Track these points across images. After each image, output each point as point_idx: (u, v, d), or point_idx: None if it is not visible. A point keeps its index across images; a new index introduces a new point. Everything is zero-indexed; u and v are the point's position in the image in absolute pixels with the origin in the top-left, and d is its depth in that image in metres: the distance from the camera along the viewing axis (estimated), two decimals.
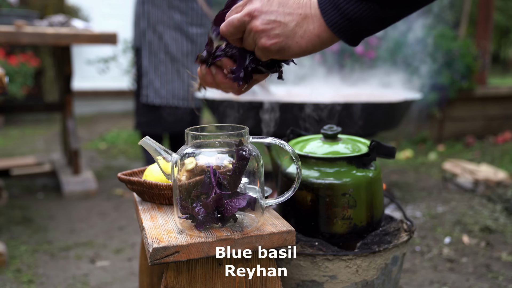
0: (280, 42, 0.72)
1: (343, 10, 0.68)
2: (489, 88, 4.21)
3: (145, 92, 2.80)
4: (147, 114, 2.86)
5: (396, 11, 0.68)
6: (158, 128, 2.88)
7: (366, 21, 0.68)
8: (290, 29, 0.71)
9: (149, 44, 2.78)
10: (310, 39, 0.71)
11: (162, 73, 2.79)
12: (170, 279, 0.83)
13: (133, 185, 1.01)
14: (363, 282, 1.03)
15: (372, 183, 1.06)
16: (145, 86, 2.80)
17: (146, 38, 2.78)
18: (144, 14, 2.76)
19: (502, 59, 10.35)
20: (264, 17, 0.71)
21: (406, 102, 2.27)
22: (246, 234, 0.83)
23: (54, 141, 4.37)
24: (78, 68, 5.75)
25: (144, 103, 2.83)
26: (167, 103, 2.81)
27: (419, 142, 4.04)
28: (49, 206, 2.56)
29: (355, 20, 0.68)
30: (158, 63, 2.78)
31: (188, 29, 2.81)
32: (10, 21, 2.60)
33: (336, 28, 0.69)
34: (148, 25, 2.76)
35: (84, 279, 1.75)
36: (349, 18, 0.68)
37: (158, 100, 2.80)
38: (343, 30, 0.69)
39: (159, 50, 2.78)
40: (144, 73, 2.80)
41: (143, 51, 2.80)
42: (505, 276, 1.72)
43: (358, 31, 0.69)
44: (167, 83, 2.80)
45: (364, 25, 0.69)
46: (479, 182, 2.66)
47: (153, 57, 2.78)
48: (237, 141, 0.81)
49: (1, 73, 1.71)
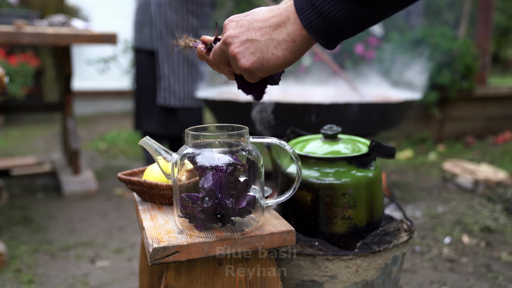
0: (257, 60, 0.71)
1: (319, 8, 0.66)
2: (489, 88, 4.21)
3: (163, 95, 2.84)
4: (163, 116, 2.90)
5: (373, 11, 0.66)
6: (175, 129, 2.93)
7: (342, 21, 0.66)
8: (263, 43, 0.71)
9: (167, 48, 2.82)
10: (286, 47, 0.70)
11: (179, 77, 2.85)
12: (170, 279, 0.83)
13: (133, 185, 1.01)
14: (363, 282, 1.03)
15: (372, 183, 1.06)
16: (164, 88, 2.84)
17: (164, 42, 2.80)
18: (161, 17, 2.78)
19: (502, 59, 10.35)
20: (237, 40, 0.72)
21: (406, 102, 2.27)
22: (246, 234, 0.83)
23: (54, 141, 4.38)
24: (78, 68, 5.75)
25: (161, 105, 2.87)
26: (183, 105, 2.88)
27: (419, 142, 4.04)
28: (49, 206, 2.56)
29: (330, 20, 0.66)
30: (176, 67, 2.83)
31: (202, 33, 2.85)
32: (10, 21, 2.60)
33: (312, 28, 0.68)
34: (166, 28, 2.79)
35: (84, 279, 1.75)
36: (325, 17, 0.66)
37: (176, 103, 2.86)
38: (319, 30, 0.68)
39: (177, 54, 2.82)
40: (163, 76, 2.83)
41: (161, 54, 2.82)
42: (505, 276, 1.72)
43: (335, 32, 0.68)
44: (184, 86, 2.87)
45: (340, 25, 0.67)
46: (479, 182, 2.66)
47: (172, 61, 2.83)
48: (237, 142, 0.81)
49: (1, 73, 1.71)
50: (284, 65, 0.72)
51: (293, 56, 0.71)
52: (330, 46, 0.70)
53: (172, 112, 2.91)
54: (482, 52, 4.20)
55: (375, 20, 0.67)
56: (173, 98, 2.85)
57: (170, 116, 2.91)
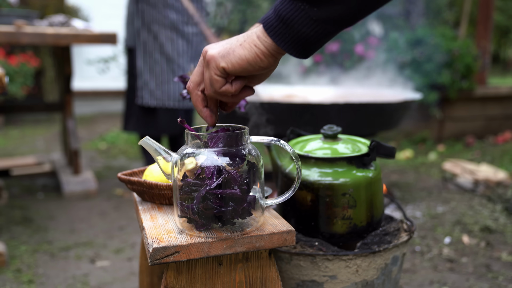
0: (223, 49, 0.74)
1: (278, 10, 0.67)
2: (489, 88, 4.21)
3: (140, 94, 2.73)
4: (142, 116, 2.79)
5: (326, 13, 0.65)
6: (153, 130, 2.82)
7: (298, 23, 0.66)
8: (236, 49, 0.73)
9: (144, 44, 2.71)
10: (254, 52, 0.71)
11: (157, 74, 2.71)
12: (170, 279, 0.83)
13: (133, 185, 1.01)
14: (363, 282, 1.03)
15: (372, 183, 1.06)
16: (140, 87, 2.73)
17: (140, 38, 2.70)
18: (138, 13, 2.69)
19: (502, 59, 10.35)
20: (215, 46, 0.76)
21: (406, 102, 2.27)
22: (246, 234, 0.83)
23: (54, 141, 4.38)
24: (78, 68, 5.75)
25: (139, 104, 2.77)
26: (163, 105, 2.74)
27: (419, 142, 4.04)
28: (49, 206, 2.56)
29: (287, 22, 0.67)
30: (153, 63, 2.71)
31: (183, 28, 2.74)
32: (10, 21, 2.60)
33: (272, 32, 0.69)
34: (143, 24, 2.69)
35: (84, 279, 1.75)
36: (282, 19, 0.67)
37: (154, 102, 2.73)
38: (279, 34, 0.68)
39: (154, 50, 2.71)
40: (139, 74, 2.72)
41: (138, 51, 2.72)
42: (505, 276, 1.72)
43: (295, 36, 0.67)
44: (163, 84, 2.72)
45: (297, 28, 0.67)
46: (479, 182, 2.66)
47: (148, 58, 2.71)
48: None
49: (1, 73, 1.71)
50: (253, 68, 0.73)
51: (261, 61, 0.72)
52: (298, 53, 0.70)
53: (150, 112, 2.78)
54: (482, 52, 4.20)
55: (333, 25, 0.67)
56: (150, 97, 2.72)
57: (148, 116, 2.78)
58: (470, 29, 5.08)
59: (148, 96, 2.72)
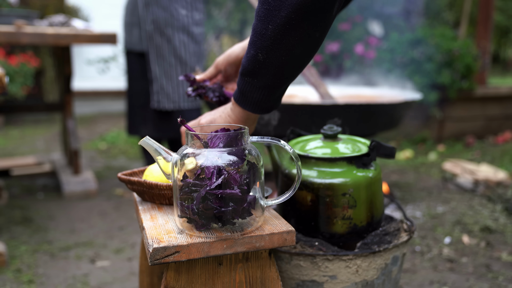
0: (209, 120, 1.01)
1: (238, 84, 0.91)
2: (489, 88, 4.21)
3: (156, 98, 2.72)
4: (158, 120, 2.79)
5: (261, 82, 0.87)
6: (171, 133, 2.82)
7: (250, 91, 0.89)
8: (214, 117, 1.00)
9: (158, 48, 2.69)
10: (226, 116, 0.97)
11: (173, 78, 2.71)
12: (170, 279, 0.83)
13: (133, 185, 1.01)
14: (363, 282, 1.03)
15: (372, 183, 1.06)
16: (156, 91, 2.71)
17: (154, 42, 2.68)
18: (150, 17, 2.67)
19: (502, 59, 10.35)
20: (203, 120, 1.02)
21: (406, 102, 2.27)
22: (246, 234, 0.83)
23: (54, 141, 4.38)
24: (78, 68, 5.75)
25: (155, 108, 2.76)
26: (179, 107, 2.76)
27: (419, 142, 4.04)
28: (49, 206, 2.56)
29: (243, 92, 0.90)
30: (168, 67, 2.70)
31: (193, 30, 2.74)
32: (10, 21, 2.60)
33: (236, 99, 0.92)
34: (155, 28, 2.67)
35: (84, 279, 1.75)
36: (240, 90, 0.90)
37: (171, 105, 2.73)
38: (240, 100, 0.92)
39: (168, 54, 2.70)
40: (154, 78, 2.71)
41: (151, 55, 2.70)
42: (505, 276, 1.72)
43: (250, 100, 0.90)
44: (178, 87, 2.74)
45: (251, 95, 0.89)
46: (479, 182, 2.66)
47: (163, 62, 2.70)
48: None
49: (1, 73, 1.71)
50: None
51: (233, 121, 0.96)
52: (256, 111, 0.92)
53: (167, 115, 2.79)
54: (482, 52, 4.20)
55: (271, 88, 0.88)
56: (167, 101, 2.72)
57: (166, 120, 2.79)
58: (470, 29, 5.08)
59: (165, 100, 2.72)
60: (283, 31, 0.81)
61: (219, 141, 0.81)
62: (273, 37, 0.82)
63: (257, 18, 0.83)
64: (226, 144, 0.81)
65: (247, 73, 0.88)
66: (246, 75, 0.88)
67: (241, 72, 0.89)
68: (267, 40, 0.82)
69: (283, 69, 0.86)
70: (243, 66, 0.88)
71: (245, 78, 0.89)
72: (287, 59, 0.85)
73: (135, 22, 2.77)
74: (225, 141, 0.81)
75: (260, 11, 0.82)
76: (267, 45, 0.83)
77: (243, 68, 0.88)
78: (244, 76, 0.88)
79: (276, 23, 0.80)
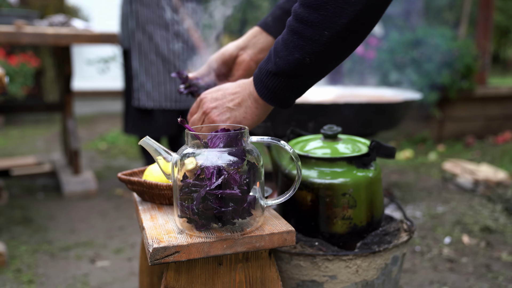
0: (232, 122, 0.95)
1: (266, 83, 0.91)
2: (489, 88, 4.21)
3: (136, 96, 2.69)
4: (139, 118, 2.74)
5: (299, 82, 0.89)
6: (151, 132, 2.77)
7: (282, 90, 0.90)
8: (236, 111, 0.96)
9: (139, 45, 2.66)
10: (252, 113, 0.95)
11: (153, 75, 2.67)
12: (170, 279, 0.83)
13: (133, 185, 1.01)
14: (363, 282, 1.03)
15: (372, 183, 1.06)
16: (136, 89, 2.68)
17: (135, 39, 2.66)
18: (132, 14, 2.64)
19: (502, 59, 10.36)
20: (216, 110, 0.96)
21: (406, 102, 2.27)
22: (246, 234, 0.83)
23: (54, 141, 4.38)
24: (78, 68, 5.75)
25: (136, 106, 2.72)
26: (160, 106, 2.70)
27: (419, 142, 4.04)
28: (49, 206, 2.56)
29: (274, 90, 0.90)
30: (149, 64, 2.67)
31: (178, 28, 2.70)
32: (10, 21, 2.60)
33: (265, 97, 0.92)
34: (137, 25, 2.64)
35: (84, 279, 1.75)
36: (270, 89, 0.91)
37: (151, 104, 2.68)
38: (270, 98, 0.92)
39: (149, 51, 2.67)
40: (135, 75, 2.68)
41: (133, 52, 2.68)
42: (505, 276, 1.72)
43: (281, 97, 0.91)
44: (159, 85, 2.69)
45: (282, 93, 0.90)
46: (479, 182, 2.66)
47: (144, 59, 2.66)
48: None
49: (1, 73, 1.71)
50: (253, 124, 0.96)
51: (258, 118, 0.96)
52: (284, 107, 0.94)
53: (147, 114, 2.74)
54: (482, 52, 4.20)
55: (307, 86, 0.91)
56: (146, 99, 2.67)
57: (146, 118, 2.74)
58: (470, 29, 5.08)
59: (145, 98, 2.68)
60: (342, 37, 0.82)
61: (219, 141, 0.81)
62: (329, 43, 0.82)
63: (307, 23, 0.83)
64: (226, 144, 0.81)
65: (284, 75, 0.88)
66: (283, 76, 0.88)
67: (275, 73, 0.88)
68: (320, 46, 0.83)
69: (326, 71, 0.89)
70: (280, 67, 0.87)
71: (280, 79, 0.88)
72: (335, 63, 0.87)
73: (124, 20, 2.75)
74: (225, 141, 0.81)
75: (312, 17, 0.82)
76: (319, 50, 0.83)
77: (280, 69, 0.87)
78: (280, 76, 0.88)
79: (335, 30, 0.81)
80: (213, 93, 0.98)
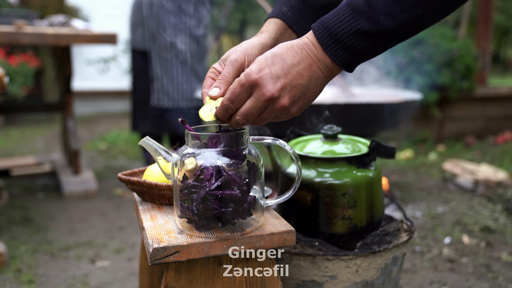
0: (303, 103, 0.78)
1: (350, 45, 0.73)
2: (489, 88, 4.21)
3: (156, 96, 2.83)
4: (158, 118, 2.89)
5: (397, 42, 0.75)
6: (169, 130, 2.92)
7: (372, 52, 0.75)
8: (306, 85, 0.76)
9: (160, 48, 2.79)
10: (321, 86, 0.78)
11: (173, 77, 2.82)
12: (170, 279, 0.83)
13: (133, 185, 1.01)
14: (363, 282, 1.03)
15: (372, 183, 1.06)
16: (156, 89, 2.83)
17: (156, 42, 2.79)
18: (153, 17, 2.76)
19: (502, 59, 10.36)
20: (284, 93, 0.75)
21: (406, 102, 2.27)
22: (246, 234, 0.83)
23: (54, 141, 4.37)
24: (78, 68, 5.75)
25: (155, 106, 2.86)
26: (177, 105, 2.86)
27: (419, 142, 4.04)
28: (49, 206, 2.56)
29: (361, 53, 0.74)
30: (170, 67, 2.81)
31: (195, 32, 2.84)
32: (10, 21, 2.60)
33: (344, 63, 0.75)
34: (158, 29, 2.77)
35: (84, 279, 1.75)
36: (355, 52, 0.74)
37: (170, 103, 2.85)
38: (348, 62, 0.75)
39: (170, 55, 2.80)
40: (155, 77, 2.81)
41: (153, 54, 2.80)
42: (505, 276, 1.72)
43: (362, 60, 0.76)
44: (178, 86, 2.85)
45: (368, 56, 0.76)
46: (479, 182, 2.66)
47: (164, 62, 2.80)
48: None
49: (1, 73, 1.71)
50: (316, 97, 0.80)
51: (323, 88, 0.79)
52: (352, 70, 0.78)
53: (165, 113, 2.89)
54: (482, 52, 4.20)
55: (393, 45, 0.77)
56: (167, 99, 2.84)
57: (164, 117, 2.89)
58: (470, 29, 5.08)
59: (166, 98, 2.84)
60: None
61: (219, 141, 0.81)
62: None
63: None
64: (226, 144, 0.81)
65: (387, 35, 0.73)
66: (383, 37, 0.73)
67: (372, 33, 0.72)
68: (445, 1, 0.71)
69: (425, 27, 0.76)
70: (384, 26, 0.71)
71: (376, 39, 0.73)
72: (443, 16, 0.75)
73: (139, 22, 2.89)
74: (225, 141, 0.81)
75: None
76: (446, 4, 0.71)
77: (384, 28, 0.71)
78: (378, 37, 0.73)
79: None
80: (269, 67, 0.74)
